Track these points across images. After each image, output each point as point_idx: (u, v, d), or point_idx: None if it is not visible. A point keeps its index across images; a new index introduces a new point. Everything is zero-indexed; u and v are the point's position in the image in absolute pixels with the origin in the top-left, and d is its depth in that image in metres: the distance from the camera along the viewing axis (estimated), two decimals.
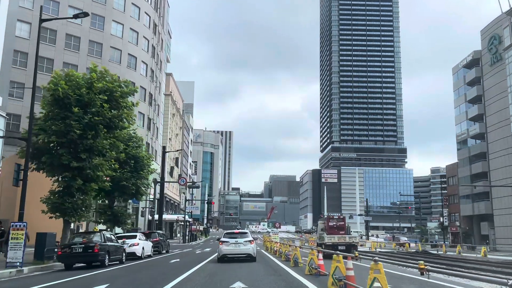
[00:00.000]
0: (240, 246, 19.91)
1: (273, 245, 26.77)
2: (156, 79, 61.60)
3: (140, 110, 54.13)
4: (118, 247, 18.06)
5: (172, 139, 75.70)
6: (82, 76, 18.68)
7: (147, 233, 26.91)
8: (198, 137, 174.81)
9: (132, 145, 24.98)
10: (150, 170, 25.74)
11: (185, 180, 35.38)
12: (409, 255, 27.79)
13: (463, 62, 62.98)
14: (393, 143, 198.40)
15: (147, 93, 56.48)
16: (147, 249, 22.61)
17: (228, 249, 19.89)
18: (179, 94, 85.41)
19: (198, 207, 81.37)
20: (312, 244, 41.72)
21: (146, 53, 56.89)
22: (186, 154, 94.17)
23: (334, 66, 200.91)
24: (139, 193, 25.02)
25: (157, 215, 39.40)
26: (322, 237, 22.18)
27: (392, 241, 71.10)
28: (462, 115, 62.77)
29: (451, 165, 66.16)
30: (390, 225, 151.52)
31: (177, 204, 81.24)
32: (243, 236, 21.05)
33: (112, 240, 17.62)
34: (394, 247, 47.06)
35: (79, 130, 16.94)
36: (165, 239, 29.01)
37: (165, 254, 26.93)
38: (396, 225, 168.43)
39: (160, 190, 38.29)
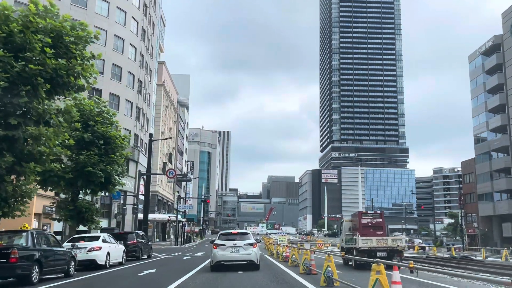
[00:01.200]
0: (239, 250, 15.55)
1: (279, 249, 21.55)
2: (146, 65, 56.20)
3: (127, 97, 48.84)
4: (62, 253, 12.64)
5: (165, 133, 70.27)
6: (15, 10, 13.09)
7: (121, 234, 21.55)
8: (195, 136, 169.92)
9: (101, 120, 19.53)
10: (123, 154, 20.25)
11: (174, 172, 30.01)
12: (453, 262, 22.15)
13: (482, 49, 57.80)
14: (394, 143, 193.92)
15: (136, 80, 51.06)
16: (116, 254, 17.22)
17: (224, 255, 15.50)
18: (173, 86, 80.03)
19: (192, 206, 76.01)
20: (319, 247, 36.35)
21: (135, 35, 51.50)
22: (181, 150, 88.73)
23: (335, 64, 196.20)
24: (111, 182, 19.52)
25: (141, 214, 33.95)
26: (351, 240, 16.67)
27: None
28: (481, 106, 57.58)
29: (467, 161, 60.90)
30: (392, 227, 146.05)
31: (170, 204, 75.82)
32: (243, 238, 16.21)
33: (51, 243, 12.24)
34: (416, 251, 41.78)
35: (5, 82, 11.53)
36: (147, 241, 23.59)
37: (145, 260, 21.60)
38: (397, 227, 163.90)
39: (146, 183, 32.90)
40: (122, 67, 48.14)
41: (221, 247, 15.71)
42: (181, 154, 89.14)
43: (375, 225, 16.00)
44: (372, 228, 15.96)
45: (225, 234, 17.23)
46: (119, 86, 47.46)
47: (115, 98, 47.07)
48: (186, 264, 19.19)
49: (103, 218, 45.52)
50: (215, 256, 15.67)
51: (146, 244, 23.10)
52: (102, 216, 45.78)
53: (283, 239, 23.22)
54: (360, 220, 16.18)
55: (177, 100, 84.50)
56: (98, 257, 15.29)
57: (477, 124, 58.47)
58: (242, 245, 15.64)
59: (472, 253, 39.85)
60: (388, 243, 15.38)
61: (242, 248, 15.55)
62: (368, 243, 14.99)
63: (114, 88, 46.65)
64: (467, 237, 59.81)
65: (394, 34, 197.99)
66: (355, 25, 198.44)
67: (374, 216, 16.41)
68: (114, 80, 46.76)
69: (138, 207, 30.39)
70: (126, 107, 48.93)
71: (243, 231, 18.41)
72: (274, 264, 18.05)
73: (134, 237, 21.22)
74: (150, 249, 23.89)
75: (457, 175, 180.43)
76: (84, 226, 20.14)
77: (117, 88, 47.17)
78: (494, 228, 55.39)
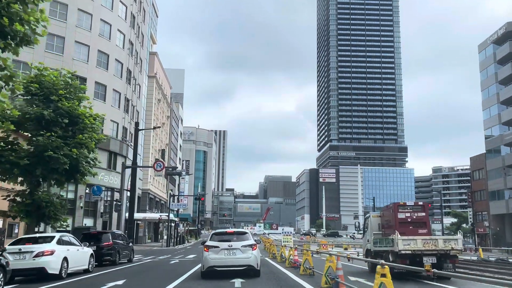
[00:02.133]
0: (236, 253, 12.85)
1: (284, 252, 18.02)
2: (136, 54, 52.57)
3: (115, 87, 45.20)
4: None
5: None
6: None
7: (93, 235, 17.95)
8: (190, 135, 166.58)
9: (67, 95, 15.87)
10: (94, 137, 16.57)
11: (162, 165, 26.34)
12: (494, 267, 18.29)
13: (493, 37, 54.46)
14: (393, 142, 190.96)
15: (124, 69, 47.40)
16: (80, 260, 13.62)
17: (217, 259, 12.79)
18: (167, 79, 76.38)
19: (186, 205, 72.28)
20: (324, 249, 32.74)
21: (123, 21, 47.85)
22: (175, 147, 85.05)
23: (332, 62, 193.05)
24: (78, 171, 15.89)
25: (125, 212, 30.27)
26: (384, 241, 12.72)
27: None
28: (492, 98, 54.23)
29: (477, 156, 57.54)
30: None
31: (164, 203, 72.20)
32: (240, 238, 13.38)
33: None
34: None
35: None
36: (126, 242, 19.93)
37: (124, 264, 18.04)
38: None
39: (131, 177, 29.28)
40: (109, 54, 44.53)
41: (213, 249, 12.84)
42: (175, 151, 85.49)
43: (417, 220, 12.28)
44: (412, 225, 12.26)
45: (219, 234, 14.06)
46: (105, 74, 43.84)
47: (101, 87, 43.43)
48: (171, 270, 15.66)
49: (88, 218, 42.00)
50: (207, 260, 12.76)
51: (125, 245, 19.48)
52: (87, 215, 42.35)
53: (288, 240, 19.50)
54: (396, 215, 12.29)
55: (170, 95, 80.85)
56: (49, 264, 11.67)
57: (488, 117, 55.12)
58: (239, 247, 12.80)
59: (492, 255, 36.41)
60: (438, 244, 11.40)
61: (239, 250, 12.75)
62: (411, 244, 10.95)
63: (100, 76, 43.04)
64: (477, 237, 56.47)
65: (393, 31, 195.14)
66: (353, 22, 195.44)
67: (415, 208, 12.60)
68: (100, 68, 43.13)
69: (121, 204, 26.68)
70: (114, 97, 45.31)
71: (240, 230, 15.18)
72: (280, 272, 14.52)
73: (109, 237, 17.58)
74: (131, 252, 20.27)
75: (460, 173, 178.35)
76: (46, 224, 16.51)
77: (104, 77, 43.55)
78: (506, 228, 52.10)
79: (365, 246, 14.31)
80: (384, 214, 13.62)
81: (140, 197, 57.76)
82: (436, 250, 11.16)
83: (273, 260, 19.93)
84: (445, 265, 11.15)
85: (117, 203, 26.40)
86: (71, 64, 40.44)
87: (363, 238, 14.94)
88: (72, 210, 39.88)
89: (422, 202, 12.88)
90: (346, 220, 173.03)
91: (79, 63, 41.03)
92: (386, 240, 11.90)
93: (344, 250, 36.63)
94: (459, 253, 11.56)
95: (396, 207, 12.53)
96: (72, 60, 40.60)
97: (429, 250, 11.09)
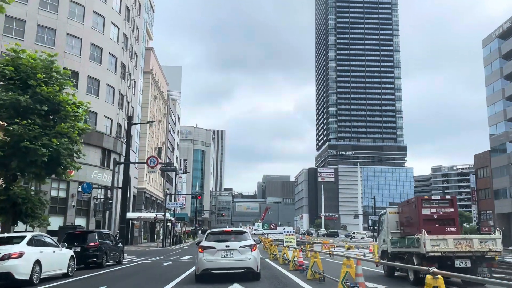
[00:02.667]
0: (233, 254, 11.66)
1: (286, 253, 16.49)
2: (131, 49, 50.99)
3: (108, 82, 43.62)
4: None
5: (154, 125, 64.97)
6: None
7: (78, 234, 16.38)
8: (188, 134, 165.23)
9: (45, 79, 14.25)
10: (77, 126, 14.95)
11: (156, 161, 24.76)
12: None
13: (498, 31, 53.03)
14: (392, 141, 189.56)
15: (119, 63, 45.82)
16: (57, 263, 12.06)
17: (213, 261, 11.60)
18: (163, 75, 74.77)
19: (182, 203, 70.74)
20: (326, 249, 31.22)
21: (117, 13, 46.28)
22: (172, 145, 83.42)
23: (331, 60, 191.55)
24: (60, 164, 14.29)
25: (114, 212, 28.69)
26: (405, 241, 10.88)
27: None
28: (497, 93, 52.80)
29: (481, 154, 56.12)
30: None
31: (160, 202, 70.59)
32: (238, 238, 12.22)
33: None
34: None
35: None
36: (115, 243, 18.36)
37: (111, 267, 16.50)
38: None
39: (124, 174, 27.72)
40: (102, 48, 42.98)
41: (209, 250, 11.66)
42: (172, 150, 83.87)
43: (444, 217, 10.47)
44: (438, 222, 10.55)
45: (215, 234, 12.76)
46: (98, 68, 42.28)
47: (94, 82, 41.87)
48: (162, 273, 14.12)
49: (81, 217, 40.39)
50: (202, 262, 11.54)
51: (114, 246, 17.91)
52: (79, 214, 40.73)
53: (290, 240, 17.80)
54: (420, 210, 10.65)
55: (167, 92, 79.25)
56: (17, 269, 10.07)
57: (492, 114, 53.69)
58: (238, 247, 11.64)
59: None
60: (473, 245, 9.64)
61: (237, 251, 11.59)
62: (440, 245, 9.41)
63: (93, 71, 41.49)
64: None
65: (392, 30, 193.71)
66: (352, 20, 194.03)
67: (442, 203, 10.72)
68: (93, 61, 41.58)
69: (112, 202, 25.06)
70: (107, 92, 43.72)
71: (238, 229, 13.86)
72: (284, 276, 13.00)
73: (95, 237, 16.02)
74: (121, 253, 18.70)
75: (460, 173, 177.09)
76: (24, 223, 14.93)
77: (97, 71, 41.99)
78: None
79: (380, 246, 12.63)
80: (404, 210, 11.89)
81: (135, 196, 56.21)
82: (471, 251, 9.47)
83: (275, 261, 18.38)
84: (480, 269, 9.56)
85: (108, 201, 24.79)
86: (63, 57, 38.87)
87: (378, 238, 13.28)
88: (63, 209, 38.35)
89: (450, 195, 11.22)
90: (345, 220, 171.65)
91: (71, 56, 39.50)
92: (409, 240, 10.24)
93: (346, 250, 35.11)
94: (498, 255, 9.91)
95: (420, 202, 10.84)
96: (64, 53, 39.02)
97: (462, 252, 9.40)
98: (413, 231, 10.75)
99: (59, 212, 38.11)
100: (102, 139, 41.61)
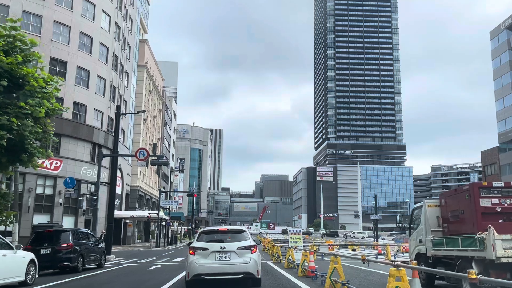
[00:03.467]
0: (230, 257, 9.84)
1: (292, 256, 14.19)
2: (124, 39, 48.62)
3: (99, 73, 41.25)
4: None
5: (148, 121, 62.60)
6: None
7: (47, 234, 14.04)
8: (185, 133, 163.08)
9: (4, 47, 11.87)
10: (45, 105, 12.48)
11: (146, 153, 22.43)
12: None
13: (507, 22, 50.87)
14: (391, 140, 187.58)
15: (110, 53, 43.43)
16: (9, 269, 9.63)
17: (206, 264, 9.73)
18: (158, 70, 72.37)
19: (178, 202, 68.36)
20: (330, 250, 28.97)
21: (109, 1, 43.90)
22: (168, 142, 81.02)
23: (330, 58, 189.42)
24: (24, 150, 11.93)
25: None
26: (465, 243, 8.21)
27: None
28: (506, 87, 50.65)
29: (489, 150, 53.97)
30: (388, 226, 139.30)
31: (155, 201, 68.22)
32: (236, 238, 10.27)
33: None
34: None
35: None
36: (94, 243, 16.02)
37: (90, 271, 14.21)
38: (394, 226, 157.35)
39: (111, 168, 25.38)
40: (92, 37, 40.61)
41: (201, 252, 9.80)
42: (168, 147, 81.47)
43: (511, 210, 8.47)
44: (504, 217, 8.05)
45: (209, 233, 10.65)
46: (88, 58, 39.93)
47: (84, 72, 39.51)
48: (144, 281, 11.82)
49: (68, 216, 37.96)
50: (193, 266, 9.69)
51: (93, 247, 15.58)
52: (67, 212, 38.28)
53: (297, 240, 15.20)
54: (477, 201, 8.26)
55: (163, 87, 76.86)
56: None
57: (501, 109, 51.54)
58: (235, 249, 9.85)
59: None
60: None
61: (234, 253, 9.79)
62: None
63: (82, 60, 39.13)
64: None
65: (391, 27, 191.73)
66: (350, 18, 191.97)
67: (506, 192, 8.35)
68: (82, 51, 39.20)
69: (97, 199, 22.69)
70: (98, 84, 41.36)
71: (236, 227, 11.35)
72: (293, 284, 10.72)
73: (68, 237, 13.67)
74: (102, 255, 16.36)
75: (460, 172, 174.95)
76: None
77: (86, 61, 39.64)
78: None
79: (415, 248, 10.15)
80: (449, 202, 9.29)
81: (129, 194, 53.86)
82: None
83: (278, 265, 16.05)
84: None
85: (93, 197, 22.40)
86: (50, 46, 36.60)
87: (410, 237, 10.93)
88: (49, 207, 36.01)
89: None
90: (343, 219, 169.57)
91: (59, 45, 37.16)
92: (466, 240, 7.81)
93: (352, 251, 32.88)
94: None
95: (477, 190, 8.23)
96: (51, 41, 36.73)
97: None
98: (464, 228, 8.40)
99: (45, 210, 35.78)
100: (92, 133, 39.26)
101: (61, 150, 36.71)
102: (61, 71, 37.23)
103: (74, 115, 38.07)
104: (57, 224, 23.67)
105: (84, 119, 39.02)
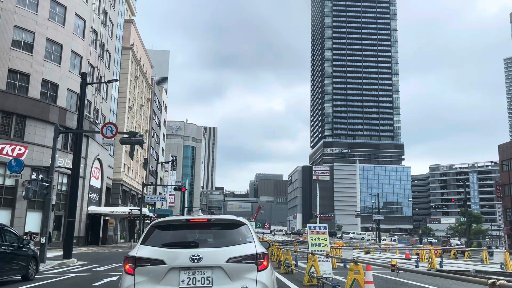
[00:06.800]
0: (212, 282, 3.88)
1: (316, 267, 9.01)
2: (105, 14, 43.37)
3: (74, 48, 36.00)
4: None
5: (134, 109, 57.27)
6: None
7: None
8: (178, 130, 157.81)
9: None
10: None
11: (114, 129, 17.25)
12: None
13: None
14: (389, 138, 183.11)
15: (88, 27, 38.17)
16: None
17: None
18: (147, 55, 67.04)
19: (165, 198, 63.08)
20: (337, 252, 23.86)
21: None
22: (157, 135, 75.74)
23: (327, 55, 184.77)
24: None
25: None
26: None
27: (417, 244, 53.82)
28: None
29: (506, 144, 49.29)
30: (385, 227, 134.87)
31: (141, 197, 62.88)
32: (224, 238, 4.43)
33: None
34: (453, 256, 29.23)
35: None
36: (18, 246, 10.79)
37: (7, 285, 9.16)
38: (392, 226, 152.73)
39: (75, 148, 20.21)
40: (66, 6, 35.38)
41: (149, 270, 4.37)
42: (157, 140, 76.21)
43: None
44: None
45: (170, 228, 5.03)
46: (61, 30, 34.70)
47: (55, 46, 34.27)
48: None
49: (35, 211, 32.63)
50: None
51: (14, 252, 10.43)
52: (33, 207, 32.97)
53: (321, 242, 9.95)
54: None
55: (151, 75, 71.57)
56: None
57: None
58: (222, 262, 4.34)
59: None
60: None
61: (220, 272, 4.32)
62: None
63: (53, 33, 33.88)
64: (507, 238, 48.17)
65: (389, 25, 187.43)
66: (348, 14, 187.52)
67: None
68: (54, 21, 33.94)
69: (49, 186, 17.43)
70: (72, 61, 36.05)
71: (226, 217, 5.26)
72: None
73: None
74: (32, 261, 11.17)
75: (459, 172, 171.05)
76: None
77: (59, 34, 34.39)
78: None
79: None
80: None
81: (110, 188, 48.60)
82: None
83: (287, 277, 10.87)
84: None
85: (43, 183, 17.13)
86: (13, 12, 31.35)
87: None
88: (11, 201, 30.76)
89: None
90: (340, 219, 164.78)
91: (25, 12, 31.92)
92: None
93: (365, 254, 27.87)
94: None
95: None
96: (15, 7, 31.46)
97: None
98: None
99: (5, 205, 30.52)
100: (65, 116, 33.96)
101: (25, 135, 31.47)
102: (27, 42, 32.01)
103: (43, 95, 32.82)
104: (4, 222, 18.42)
105: (55, 99, 33.77)
